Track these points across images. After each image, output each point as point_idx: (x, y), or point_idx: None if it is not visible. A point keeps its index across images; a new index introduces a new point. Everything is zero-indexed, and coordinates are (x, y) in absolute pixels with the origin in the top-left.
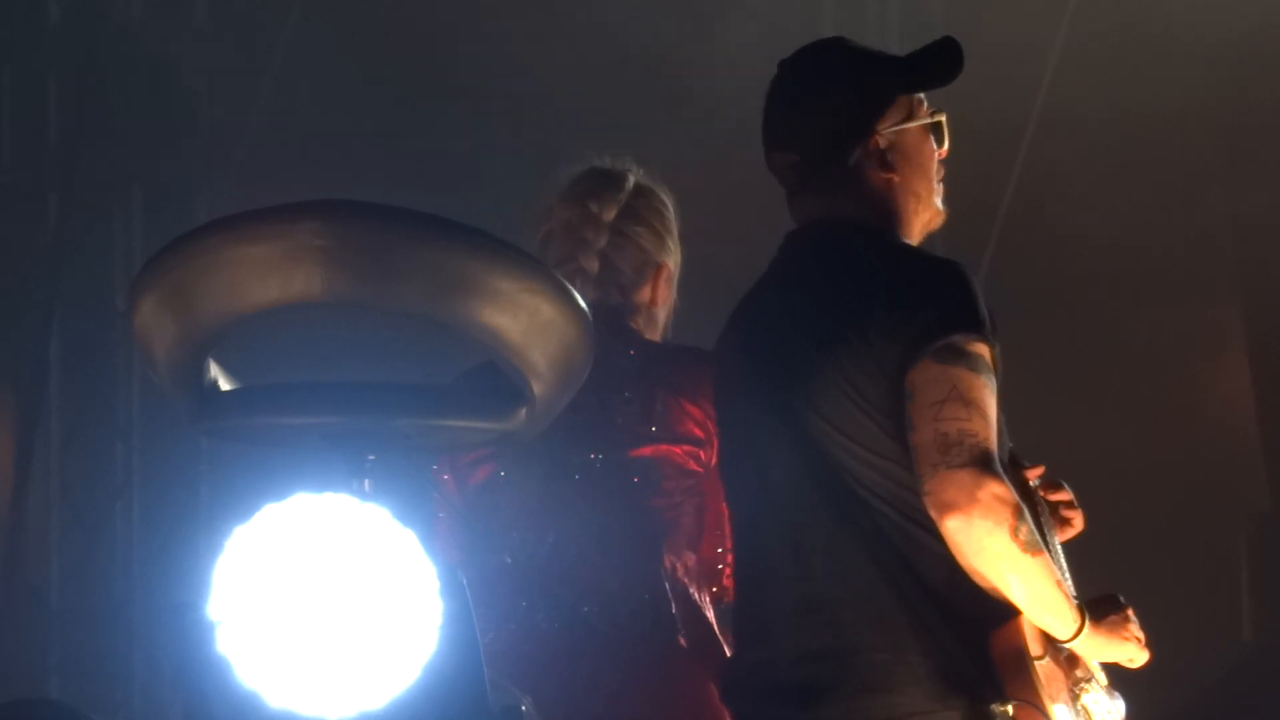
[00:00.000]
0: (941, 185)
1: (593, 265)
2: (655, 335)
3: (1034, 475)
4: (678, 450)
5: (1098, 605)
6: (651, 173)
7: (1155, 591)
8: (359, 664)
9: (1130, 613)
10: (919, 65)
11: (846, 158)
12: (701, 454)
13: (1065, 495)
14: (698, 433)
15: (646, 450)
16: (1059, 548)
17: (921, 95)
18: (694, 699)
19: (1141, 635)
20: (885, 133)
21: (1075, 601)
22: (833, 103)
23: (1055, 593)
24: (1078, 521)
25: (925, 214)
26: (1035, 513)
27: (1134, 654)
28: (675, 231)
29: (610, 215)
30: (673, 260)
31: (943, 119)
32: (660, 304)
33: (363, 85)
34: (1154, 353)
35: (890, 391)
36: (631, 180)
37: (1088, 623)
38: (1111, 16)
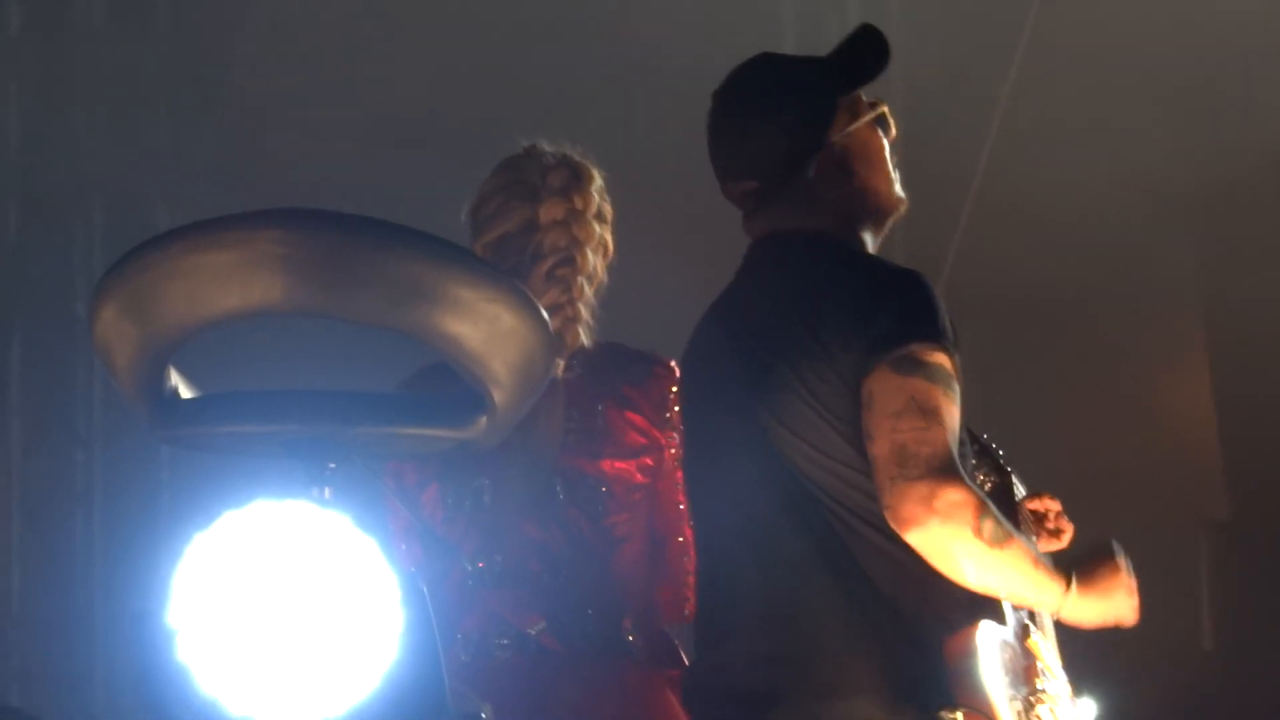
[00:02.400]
0: (898, 172)
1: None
2: (593, 324)
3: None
4: (622, 465)
5: (1085, 561)
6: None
7: None
8: (319, 672)
9: (1121, 562)
10: (851, 63)
11: (806, 173)
12: (649, 460)
13: (1054, 506)
14: (641, 440)
15: (592, 467)
16: (1033, 539)
17: (860, 91)
18: (650, 709)
19: (1133, 583)
20: (837, 139)
21: (1057, 569)
22: (781, 123)
23: (1031, 574)
24: (1067, 534)
25: (887, 206)
26: (1014, 519)
27: (1125, 613)
28: (605, 212)
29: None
30: (603, 243)
31: (885, 108)
32: (593, 289)
33: (326, 94)
34: (1114, 361)
35: (850, 400)
36: (550, 162)
37: (1074, 587)
38: (1074, 16)
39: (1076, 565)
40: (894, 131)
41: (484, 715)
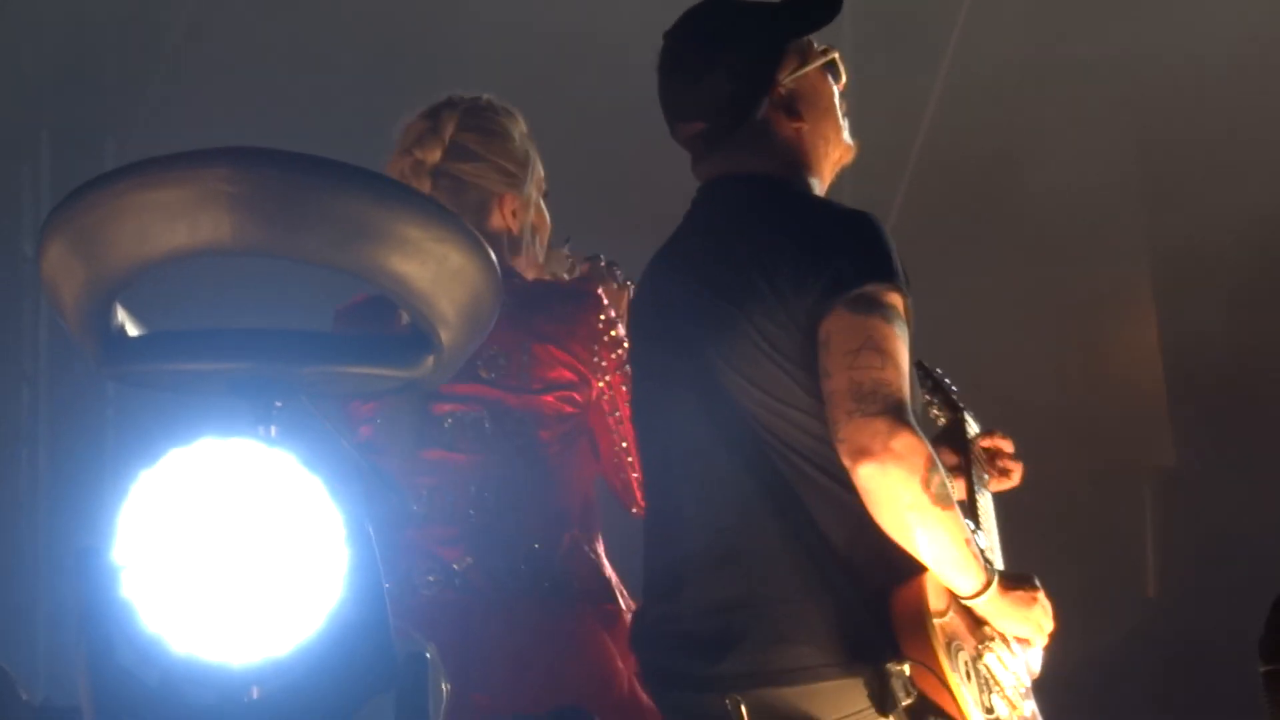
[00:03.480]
0: (847, 120)
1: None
2: (529, 259)
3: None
4: (549, 399)
5: (1011, 577)
6: (500, 95)
7: (1060, 547)
8: (264, 610)
9: (1040, 596)
10: (801, 8)
11: (754, 115)
12: (577, 395)
13: (1006, 445)
14: (570, 376)
15: (518, 402)
16: (989, 497)
17: (810, 37)
18: (583, 646)
19: (1048, 621)
20: (786, 82)
21: (985, 562)
22: (729, 65)
23: (962, 548)
24: (1016, 474)
25: (835, 153)
26: (968, 458)
27: (1032, 634)
28: (520, 155)
29: (434, 158)
30: (521, 186)
31: (836, 55)
32: (518, 229)
33: (274, 31)
34: (1061, 309)
35: (802, 343)
36: (456, 114)
37: (995, 585)
38: None
39: (1001, 575)
40: (844, 79)
41: (429, 654)
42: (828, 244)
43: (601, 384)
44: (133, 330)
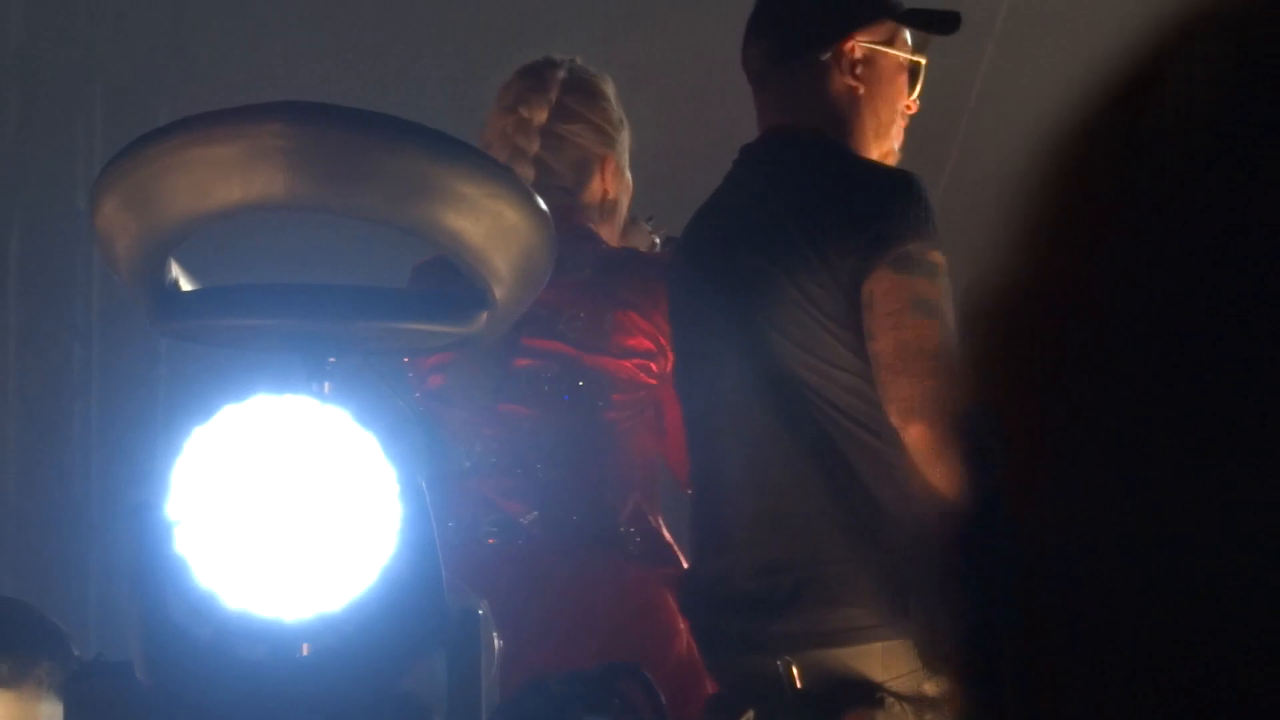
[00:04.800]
0: (903, 131)
1: (529, 173)
2: (615, 227)
3: None
4: (627, 364)
5: None
6: (589, 61)
7: None
8: (317, 566)
9: None
10: (924, 10)
11: (818, 51)
12: (653, 365)
13: None
14: (649, 345)
15: (595, 363)
16: None
17: (907, 35)
18: (645, 604)
19: None
20: (861, 44)
21: None
22: None
23: None
24: None
25: (882, 143)
26: None
27: None
28: (616, 118)
29: (542, 118)
30: (617, 149)
31: (922, 62)
32: (614, 194)
33: None
34: None
35: (847, 304)
36: (561, 74)
37: None
38: None
39: None
40: (917, 97)
41: (481, 611)
42: (870, 203)
43: None
44: (186, 285)
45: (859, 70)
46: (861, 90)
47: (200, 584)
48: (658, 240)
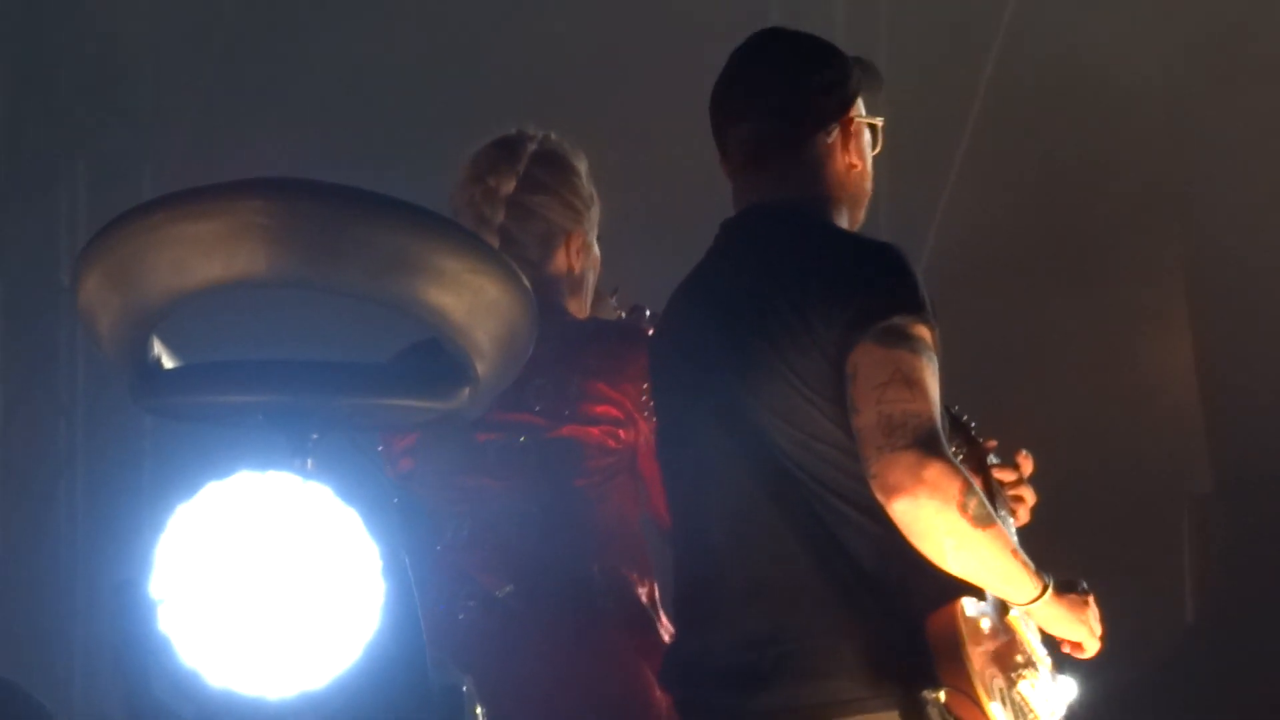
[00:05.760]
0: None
1: (493, 242)
2: (582, 301)
3: (991, 446)
4: (594, 431)
5: (1061, 583)
6: (564, 136)
7: (1098, 573)
8: (301, 643)
9: (1091, 600)
10: (866, 71)
11: (824, 134)
12: (621, 433)
13: (1011, 475)
14: (615, 413)
15: (563, 431)
16: (1011, 523)
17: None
18: (623, 673)
19: (1098, 626)
20: (857, 120)
21: (1035, 569)
22: (825, 79)
23: (1011, 562)
24: (1028, 498)
25: (863, 206)
26: (989, 490)
27: (1086, 639)
28: (586, 194)
29: (509, 188)
30: (585, 225)
31: (879, 124)
32: (579, 269)
33: (309, 62)
34: (1097, 333)
35: (831, 376)
36: (531, 147)
37: (1050, 590)
38: None
39: (1056, 581)
40: (879, 147)
41: (465, 687)
42: (854, 276)
43: (649, 425)
44: (169, 362)
45: (850, 144)
46: (860, 166)
47: (184, 662)
48: (623, 315)
